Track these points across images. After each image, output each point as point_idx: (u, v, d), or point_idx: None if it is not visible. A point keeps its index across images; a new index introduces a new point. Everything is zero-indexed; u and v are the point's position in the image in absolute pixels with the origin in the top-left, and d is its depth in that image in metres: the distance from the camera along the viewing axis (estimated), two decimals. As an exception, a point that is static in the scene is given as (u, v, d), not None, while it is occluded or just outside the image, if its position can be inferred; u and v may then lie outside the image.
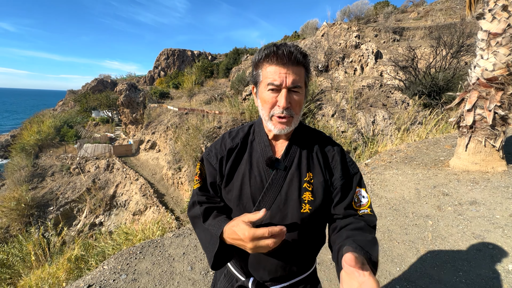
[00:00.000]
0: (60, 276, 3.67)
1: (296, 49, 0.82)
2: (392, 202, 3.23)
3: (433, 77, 9.62)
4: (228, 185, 0.94)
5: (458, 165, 3.74)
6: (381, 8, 17.99)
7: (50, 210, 15.80)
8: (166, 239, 2.79)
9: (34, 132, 21.84)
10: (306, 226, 0.89)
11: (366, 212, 0.91)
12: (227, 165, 0.95)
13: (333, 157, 0.94)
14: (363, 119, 11.48)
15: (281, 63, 0.80)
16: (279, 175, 0.89)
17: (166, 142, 17.90)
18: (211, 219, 0.92)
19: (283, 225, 0.85)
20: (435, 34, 11.64)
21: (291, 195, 0.88)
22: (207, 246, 0.88)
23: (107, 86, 34.27)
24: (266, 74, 0.83)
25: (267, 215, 0.74)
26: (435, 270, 2.19)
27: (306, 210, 0.87)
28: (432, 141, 5.17)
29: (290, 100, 0.83)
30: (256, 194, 0.89)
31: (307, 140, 0.96)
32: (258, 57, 0.86)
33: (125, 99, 23.60)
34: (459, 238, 2.51)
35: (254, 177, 0.91)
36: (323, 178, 0.91)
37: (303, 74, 0.85)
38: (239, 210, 0.92)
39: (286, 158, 0.91)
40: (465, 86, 3.70)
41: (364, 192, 0.93)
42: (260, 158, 0.93)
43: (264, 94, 0.85)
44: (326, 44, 16.09)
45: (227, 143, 0.98)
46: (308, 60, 0.86)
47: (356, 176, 0.94)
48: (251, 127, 1.02)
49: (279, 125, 0.85)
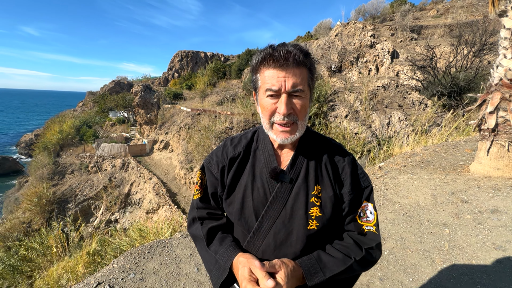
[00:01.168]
0: (79, 270, 3.83)
1: (295, 48, 0.74)
2: (406, 208, 3.09)
3: (453, 77, 9.19)
4: (230, 197, 0.89)
5: (478, 170, 3.54)
6: (398, 6, 17.44)
7: (69, 206, 16.51)
8: (174, 239, 2.82)
9: (56, 131, 22.94)
10: (312, 243, 0.83)
11: (371, 230, 0.85)
12: (229, 176, 0.90)
13: (344, 169, 0.87)
14: (378, 121, 11.15)
15: (279, 65, 0.74)
16: (284, 188, 0.83)
17: (179, 142, 18.24)
18: (216, 243, 0.87)
19: (288, 241, 0.82)
20: (456, 32, 11.13)
21: (297, 210, 0.82)
22: (211, 269, 0.85)
23: (123, 88, 35.47)
24: (264, 79, 0.77)
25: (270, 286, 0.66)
26: (451, 283, 2.07)
27: (313, 226, 0.81)
28: (451, 144, 4.93)
29: (291, 106, 0.76)
30: (259, 208, 0.84)
31: (315, 149, 0.89)
32: (255, 61, 0.80)
33: (140, 100, 24.29)
34: (478, 249, 2.36)
35: (257, 189, 0.85)
36: (333, 192, 0.84)
37: (306, 76, 0.77)
38: (241, 224, 0.87)
39: (292, 170, 0.84)
40: (487, 87, 3.49)
41: (372, 208, 0.87)
42: (264, 168, 0.87)
43: (263, 101, 0.79)
44: (340, 44, 15.81)
45: (229, 151, 0.93)
46: (311, 59, 0.78)
47: (367, 190, 0.88)
48: (255, 134, 0.96)
49: (281, 134, 0.79)
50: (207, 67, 31.78)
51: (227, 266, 0.79)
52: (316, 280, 0.75)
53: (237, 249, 0.83)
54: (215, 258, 0.84)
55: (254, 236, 0.84)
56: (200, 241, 0.91)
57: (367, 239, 0.84)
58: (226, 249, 0.83)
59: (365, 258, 0.80)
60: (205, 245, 0.88)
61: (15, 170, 26.38)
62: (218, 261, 0.83)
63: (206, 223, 0.92)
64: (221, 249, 0.84)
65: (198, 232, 0.91)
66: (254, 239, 0.84)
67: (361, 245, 0.82)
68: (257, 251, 0.84)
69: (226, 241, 0.86)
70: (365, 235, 0.85)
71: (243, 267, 0.73)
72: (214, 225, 0.91)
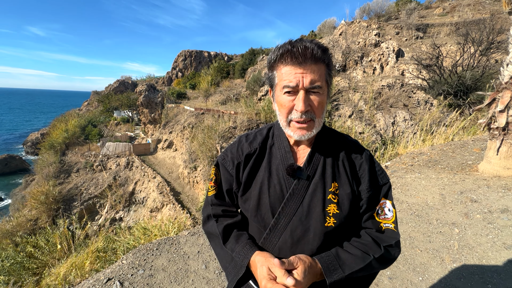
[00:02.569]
0: (86, 267, 3.88)
1: (313, 44, 0.74)
2: (414, 208, 3.07)
3: (459, 76, 9.09)
4: (245, 194, 0.89)
5: (488, 170, 3.49)
6: (403, 4, 17.28)
7: (74, 204, 16.70)
8: (182, 237, 2.84)
9: (62, 130, 23.21)
10: (329, 240, 0.82)
11: (390, 227, 0.84)
12: (245, 172, 0.89)
13: (361, 165, 0.87)
14: (382, 120, 11.08)
15: (297, 62, 0.73)
16: (301, 185, 0.83)
17: (182, 141, 18.32)
18: (232, 241, 0.86)
19: (305, 238, 0.81)
20: (463, 30, 10.99)
21: (314, 207, 0.81)
22: (227, 266, 0.85)
23: (128, 87, 35.72)
24: (281, 75, 0.76)
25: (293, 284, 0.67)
26: (461, 282, 2.05)
27: (331, 223, 0.80)
28: (459, 143, 4.87)
29: (309, 103, 0.75)
30: (275, 205, 0.83)
31: (332, 146, 0.88)
32: (272, 57, 0.79)
33: (145, 99, 24.44)
34: (489, 248, 2.34)
35: (273, 186, 0.85)
36: (350, 189, 0.83)
37: (324, 72, 0.76)
38: (257, 221, 0.87)
39: (309, 167, 0.84)
40: (497, 85, 3.44)
41: (390, 205, 0.86)
42: (280, 165, 0.86)
43: (280, 98, 0.78)
44: (344, 43, 15.72)
45: (245, 147, 0.92)
46: (329, 55, 0.77)
47: (385, 187, 0.87)
48: (270, 130, 0.96)
49: (298, 131, 0.78)
50: (211, 67, 31.86)
51: (244, 264, 0.79)
52: (335, 277, 0.74)
53: (254, 247, 0.82)
54: (231, 256, 0.84)
55: (270, 232, 0.83)
56: (216, 239, 0.91)
57: (385, 237, 0.83)
58: (243, 247, 0.82)
59: (383, 255, 0.80)
60: (220, 243, 0.88)
61: (22, 168, 26.77)
62: (235, 259, 0.82)
63: (221, 221, 0.91)
64: (237, 247, 0.83)
65: (213, 230, 0.91)
66: (271, 236, 0.83)
67: (380, 243, 0.81)
68: (274, 248, 0.84)
69: (242, 238, 0.86)
70: (383, 232, 0.84)
71: (262, 266, 0.73)
72: (229, 223, 0.90)
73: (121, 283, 2.11)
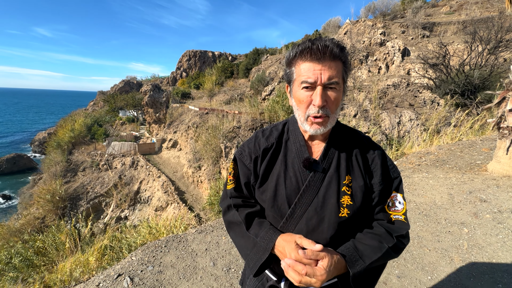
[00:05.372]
0: (91, 264, 3.94)
1: (332, 43, 0.77)
2: (422, 207, 3.05)
3: (467, 75, 8.96)
4: (263, 186, 0.93)
5: (497, 169, 3.45)
6: (409, 3, 17.10)
7: (81, 203, 16.92)
8: (189, 234, 2.87)
9: (68, 130, 23.52)
10: (343, 230, 0.86)
11: (400, 218, 0.88)
12: (262, 166, 0.93)
13: (373, 160, 0.90)
14: (388, 120, 10.98)
15: (316, 58, 0.76)
16: (316, 177, 0.86)
17: (187, 141, 18.42)
18: (255, 227, 0.90)
19: (320, 227, 0.85)
20: (470, 28, 10.83)
21: (329, 198, 0.85)
22: (248, 254, 0.88)
23: (133, 87, 36.06)
24: (300, 71, 0.80)
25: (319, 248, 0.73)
26: (471, 281, 2.03)
27: (344, 214, 0.84)
28: (467, 143, 4.81)
29: (325, 98, 0.79)
30: (291, 196, 0.87)
31: (345, 141, 0.92)
32: (291, 54, 0.83)
33: (149, 99, 24.63)
34: (499, 248, 2.31)
35: (289, 178, 0.89)
36: (363, 182, 0.87)
37: (341, 69, 0.80)
38: (274, 211, 0.90)
39: (324, 160, 0.87)
40: (506, 84, 3.40)
41: (401, 198, 0.90)
42: (296, 158, 0.90)
43: (298, 93, 0.81)
44: (349, 42, 15.62)
45: (262, 142, 0.96)
46: (346, 53, 0.81)
47: (396, 180, 0.91)
48: (285, 126, 1.00)
49: (314, 125, 0.82)
50: (215, 67, 31.95)
51: (269, 247, 0.83)
52: (358, 268, 0.78)
53: (277, 231, 0.86)
54: (253, 242, 0.87)
55: (287, 222, 0.87)
56: (237, 227, 0.94)
57: (396, 227, 0.87)
58: (267, 231, 0.86)
59: (396, 245, 0.84)
60: (242, 230, 0.92)
61: (30, 167, 27.24)
62: (258, 243, 0.86)
63: (242, 210, 0.95)
64: (261, 232, 0.87)
65: (235, 218, 0.94)
66: (287, 224, 0.87)
67: (392, 233, 0.85)
68: None
69: (265, 224, 0.90)
70: (394, 223, 0.88)
71: (289, 242, 0.78)
72: (251, 211, 0.94)
73: (131, 279, 2.14)
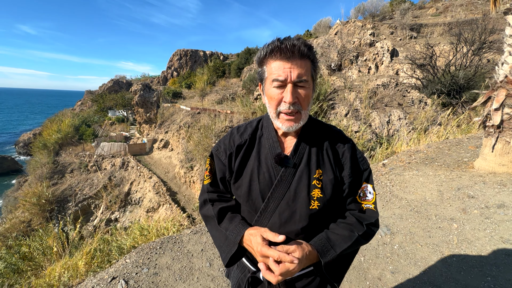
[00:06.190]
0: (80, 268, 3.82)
1: (300, 42, 0.79)
2: (413, 204, 3.13)
3: (453, 75, 9.26)
4: (237, 181, 0.95)
5: (483, 166, 3.58)
6: (397, 4, 17.49)
7: (69, 205, 16.45)
8: (184, 235, 2.84)
9: (55, 130, 22.80)
10: (314, 221, 0.90)
11: (370, 207, 0.93)
12: (236, 161, 0.96)
13: (344, 153, 0.94)
14: (378, 119, 11.20)
15: (285, 57, 0.79)
16: (288, 172, 0.89)
17: (178, 141, 18.21)
18: (226, 221, 0.94)
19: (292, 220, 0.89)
20: (455, 30, 11.20)
21: (300, 192, 0.88)
22: (221, 246, 0.92)
23: (122, 87, 35.29)
24: (271, 70, 0.82)
25: (281, 239, 0.78)
26: (461, 275, 2.10)
27: (315, 206, 0.88)
28: (454, 141, 4.97)
29: (296, 95, 0.81)
30: (265, 191, 0.90)
31: (316, 136, 0.95)
32: (262, 54, 0.84)
33: (140, 99, 24.20)
34: (487, 242, 2.40)
35: (262, 173, 0.91)
36: (333, 175, 0.91)
37: (309, 67, 0.82)
38: (249, 206, 0.93)
39: (295, 155, 0.90)
40: (492, 84, 3.53)
41: (371, 189, 0.94)
42: (269, 154, 0.93)
43: (270, 91, 0.84)
44: (340, 43, 15.83)
45: (236, 139, 0.98)
46: (313, 52, 0.83)
47: (365, 172, 0.95)
48: (260, 122, 1.02)
49: (286, 123, 0.84)
50: (206, 66, 31.70)
51: (236, 240, 0.86)
52: (329, 257, 0.83)
53: (246, 225, 0.90)
54: (225, 235, 0.91)
55: (261, 215, 0.90)
56: (211, 221, 0.98)
57: (367, 216, 0.91)
58: (236, 226, 0.90)
59: (366, 232, 0.89)
60: (215, 224, 0.95)
61: (14, 169, 26.20)
62: (228, 237, 0.89)
63: (216, 204, 0.98)
64: (231, 226, 0.91)
65: (209, 212, 0.98)
66: (261, 218, 0.90)
67: (362, 221, 0.89)
68: None
69: (236, 219, 0.93)
70: (365, 212, 0.92)
71: (255, 236, 0.81)
72: (224, 206, 0.98)
73: (126, 282, 2.10)
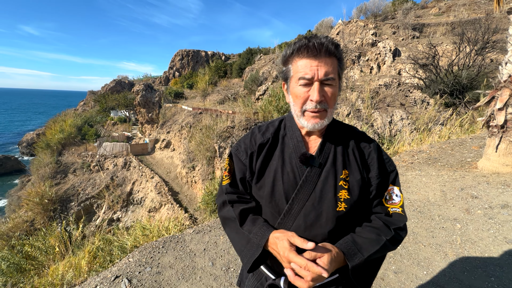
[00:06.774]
0: (83, 267, 3.85)
1: (327, 40, 0.79)
2: (416, 204, 3.12)
3: (455, 75, 9.20)
4: (259, 182, 0.92)
5: (487, 166, 3.56)
6: (400, 4, 17.43)
7: (71, 205, 16.53)
8: (187, 235, 2.84)
9: (58, 130, 22.94)
10: (341, 224, 0.86)
11: (397, 211, 0.89)
12: (258, 161, 0.93)
13: (370, 154, 0.91)
14: (380, 119, 11.16)
15: (312, 55, 0.78)
16: (313, 172, 0.86)
17: (180, 141, 18.25)
18: (249, 223, 0.89)
19: (318, 222, 0.85)
20: (458, 30, 11.14)
21: (326, 193, 0.85)
22: (242, 250, 0.87)
23: (124, 87, 35.45)
24: (297, 68, 0.81)
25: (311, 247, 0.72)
26: (465, 275, 2.09)
27: (342, 208, 0.85)
28: (457, 141, 4.95)
29: (323, 94, 0.80)
30: (289, 191, 0.87)
31: (341, 136, 0.93)
32: (288, 52, 0.84)
33: (142, 99, 24.28)
34: (490, 243, 2.39)
35: (286, 173, 0.88)
36: (360, 176, 0.88)
37: (336, 65, 0.82)
38: (271, 207, 0.90)
39: (320, 155, 0.88)
40: (496, 84, 3.51)
41: (398, 191, 0.91)
42: (293, 154, 0.90)
43: (296, 89, 0.82)
44: (341, 43, 15.80)
45: (258, 138, 0.96)
46: (340, 51, 0.82)
47: (392, 174, 0.92)
48: (282, 122, 1.00)
49: (312, 120, 0.82)
50: (208, 66, 31.76)
51: (261, 244, 0.82)
52: (356, 261, 0.79)
53: (271, 228, 0.86)
54: (247, 238, 0.86)
55: (284, 217, 0.87)
56: (231, 223, 0.93)
57: (394, 220, 0.88)
58: (260, 228, 0.86)
59: (394, 237, 0.85)
60: (236, 226, 0.91)
61: (18, 169, 26.38)
62: (252, 239, 0.85)
63: (237, 206, 0.94)
64: (254, 229, 0.86)
65: (230, 214, 0.93)
66: (285, 220, 0.87)
67: (389, 225, 0.86)
68: None
69: (259, 221, 0.89)
70: (391, 216, 0.89)
71: (281, 240, 0.77)
72: (245, 207, 0.93)
73: (129, 280, 2.11)
